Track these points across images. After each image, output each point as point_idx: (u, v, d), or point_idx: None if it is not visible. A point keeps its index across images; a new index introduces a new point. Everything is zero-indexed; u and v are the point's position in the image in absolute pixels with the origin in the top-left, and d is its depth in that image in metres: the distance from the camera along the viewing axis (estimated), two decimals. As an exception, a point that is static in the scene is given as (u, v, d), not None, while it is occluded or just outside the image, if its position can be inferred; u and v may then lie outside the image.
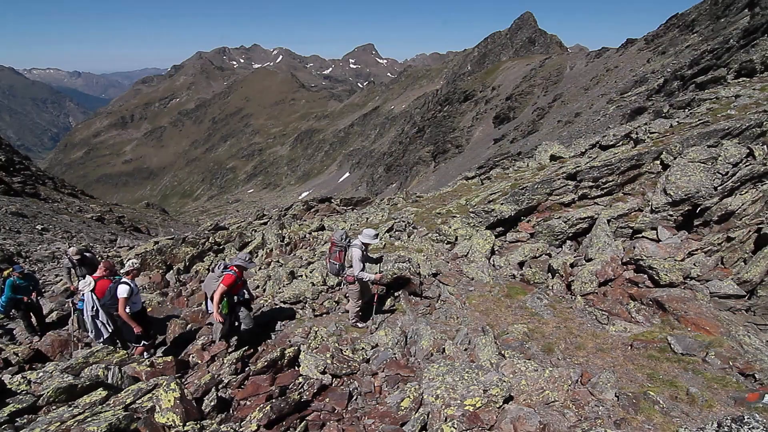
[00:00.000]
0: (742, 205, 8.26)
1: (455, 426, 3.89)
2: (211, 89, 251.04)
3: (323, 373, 5.35)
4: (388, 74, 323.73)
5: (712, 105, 13.29)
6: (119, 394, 4.43)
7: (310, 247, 12.92)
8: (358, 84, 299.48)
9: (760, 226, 7.98)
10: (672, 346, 5.84)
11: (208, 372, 5.66)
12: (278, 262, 11.38)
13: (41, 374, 5.17)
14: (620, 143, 13.20)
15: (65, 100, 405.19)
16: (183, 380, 5.50)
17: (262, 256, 12.53)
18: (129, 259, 6.88)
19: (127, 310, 6.32)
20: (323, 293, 8.52)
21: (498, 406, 4.27)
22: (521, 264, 9.10)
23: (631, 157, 10.25)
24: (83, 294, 6.69)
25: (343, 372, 5.40)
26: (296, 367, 5.58)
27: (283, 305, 8.19)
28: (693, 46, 38.12)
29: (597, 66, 52.83)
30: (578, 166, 10.91)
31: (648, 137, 12.06)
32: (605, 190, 10.17)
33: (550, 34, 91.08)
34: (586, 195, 10.26)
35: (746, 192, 8.56)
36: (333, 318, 7.63)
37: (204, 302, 6.83)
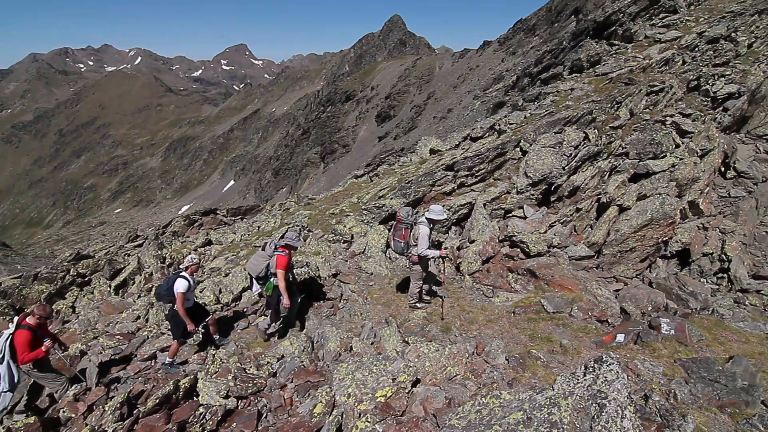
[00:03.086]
0: (585, 180, 9.85)
1: (369, 420, 3.95)
2: (54, 97, 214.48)
3: (227, 397, 5.00)
4: (266, 76, 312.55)
5: (554, 98, 15.54)
6: (-38, 478, 3.58)
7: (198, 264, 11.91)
8: (234, 86, 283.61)
9: (599, 196, 9.62)
10: (545, 307, 6.73)
11: (86, 425, 4.88)
12: (161, 286, 10.26)
13: None
14: (487, 134, 14.70)
15: None
16: (52, 441, 4.66)
17: (141, 282, 11.19)
18: (188, 255, 6.59)
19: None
20: (217, 312, 7.93)
21: (407, 391, 4.46)
22: (415, 253, 9.60)
23: (497, 147, 11.49)
24: None
25: (249, 391, 5.11)
26: (195, 398, 5.11)
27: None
28: (536, 47, 44.11)
29: (462, 66, 57.97)
30: (454, 158, 11.88)
31: (508, 128, 13.64)
32: (479, 177, 11.25)
33: (419, 36, 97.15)
34: (463, 183, 11.23)
35: (586, 169, 10.22)
36: (232, 337, 7.16)
37: (249, 283, 6.79)
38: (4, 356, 5.36)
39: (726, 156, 11.30)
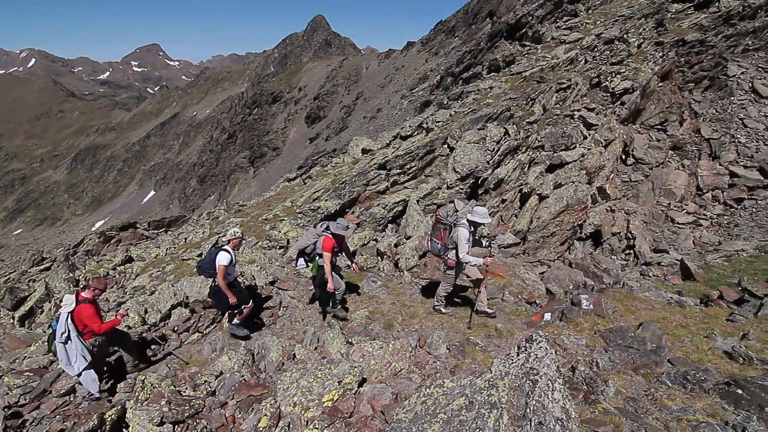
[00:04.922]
0: (508, 173, 10.47)
1: (317, 426, 3.90)
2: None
3: (161, 424, 4.64)
4: (183, 77, 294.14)
5: (476, 96, 16.34)
6: None
7: (118, 284, 10.96)
8: (148, 89, 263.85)
9: (521, 187, 10.28)
10: (480, 295, 7.06)
11: (-9, 478, 4.29)
12: (76, 311, 9.27)
13: None
14: (416, 133, 15.09)
15: None
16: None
17: (51, 309, 10.03)
18: (231, 229, 6.58)
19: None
20: (143, 335, 7.35)
21: (354, 392, 4.45)
22: (353, 253, 9.60)
23: (426, 144, 11.85)
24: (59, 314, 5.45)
25: (186, 414, 4.79)
26: (125, 430, 4.70)
27: (92, 361, 6.72)
28: (456, 48, 46.02)
29: (388, 66, 58.89)
30: (386, 157, 12.05)
31: (436, 126, 14.11)
32: (411, 175, 11.52)
33: (344, 36, 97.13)
34: (396, 181, 11.43)
35: (508, 163, 10.87)
36: (162, 359, 6.66)
37: (295, 258, 6.76)
38: (69, 334, 5.29)
39: (626, 145, 12.63)
